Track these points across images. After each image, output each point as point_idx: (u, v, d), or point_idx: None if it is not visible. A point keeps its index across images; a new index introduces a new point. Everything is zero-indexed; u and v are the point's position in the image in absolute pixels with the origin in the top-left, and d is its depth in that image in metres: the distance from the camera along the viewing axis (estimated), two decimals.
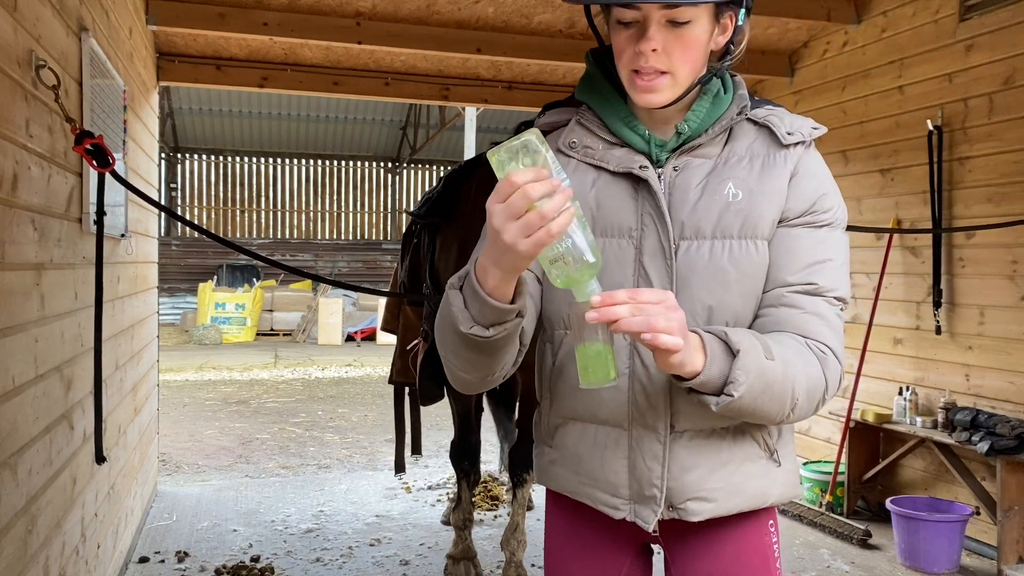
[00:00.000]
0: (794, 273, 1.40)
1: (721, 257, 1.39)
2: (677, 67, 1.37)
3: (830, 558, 4.41)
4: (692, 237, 1.41)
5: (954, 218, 4.63)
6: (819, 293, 1.40)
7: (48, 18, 2.50)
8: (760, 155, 1.44)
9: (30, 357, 2.30)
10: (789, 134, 1.44)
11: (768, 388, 1.28)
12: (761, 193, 1.41)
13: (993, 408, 4.32)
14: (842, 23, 5.28)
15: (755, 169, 1.43)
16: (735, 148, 1.45)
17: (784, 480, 1.51)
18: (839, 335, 1.40)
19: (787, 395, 1.31)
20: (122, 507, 3.97)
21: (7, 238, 2.10)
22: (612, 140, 1.48)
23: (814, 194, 1.42)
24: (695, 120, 1.44)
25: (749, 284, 1.41)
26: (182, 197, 21.51)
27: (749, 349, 1.26)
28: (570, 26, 5.46)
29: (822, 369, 1.36)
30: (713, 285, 1.39)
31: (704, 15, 1.36)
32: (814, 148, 1.48)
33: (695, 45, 1.37)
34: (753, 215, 1.40)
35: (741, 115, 1.46)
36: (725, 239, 1.40)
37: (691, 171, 1.44)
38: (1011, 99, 4.28)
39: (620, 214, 1.44)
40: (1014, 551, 4.03)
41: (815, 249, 1.41)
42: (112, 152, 2.62)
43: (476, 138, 14.15)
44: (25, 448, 2.25)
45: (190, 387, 10.43)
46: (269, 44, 5.59)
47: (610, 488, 1.46)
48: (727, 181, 1.42)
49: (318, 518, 5.00)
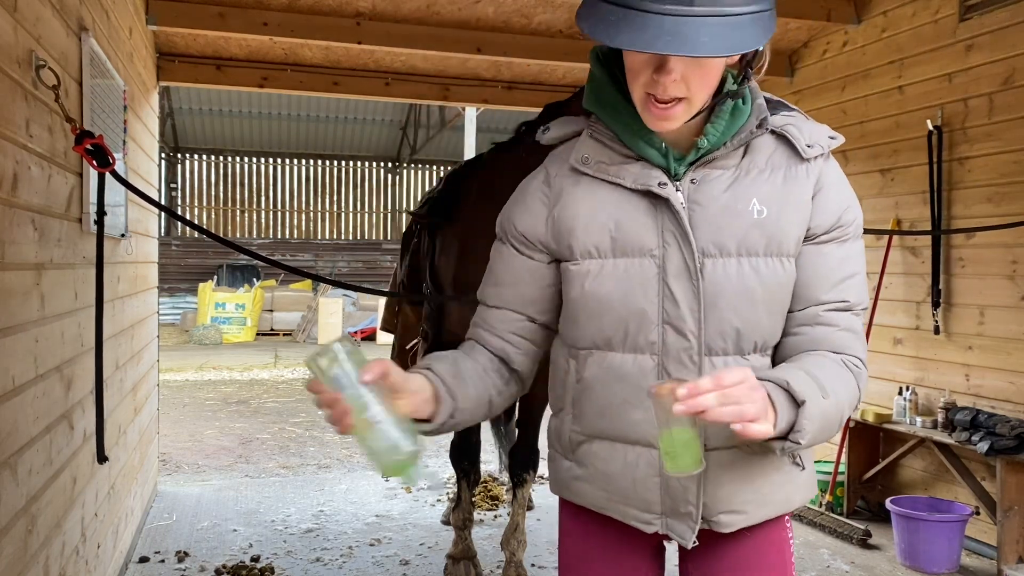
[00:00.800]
0: (827, 291, 1.41)
1: (749, 276, 1.38)
2: (695, 93, 1.34)
3: (830, 558, 4.41)
4: (716, 255, 1.38)
5: (954, 218, 4.63)
6: (850, 309, 1.42)
7: (48, 18, 2.50)
8: (781, 167, 1.43)
9: (30, 357, 2.30)
10: (809, 147, 1.43)
11: (826, 426, 1.31)
12: (787, 210, 1.40)
13: (993, 408, 4.32)
14: (842, 23, 5.28)
15: (777, 183, 1.41)
16: (755, 159, 1.43)
17: (806, 483, 1.53)
18: (864, 341, 1.45)
19: (836, 423, 1.34)
20: (122, 507, 3.97)
21: (7, 238, 2.10)
22: (627, 154, 1.43)
23: (839, 209, 1.42)
24: (715, 134, 1.40)
25: (776, 303, 1.41)
26: (182, 197, 21.51)
27: (811, 396, 1.26)
28: (570, 26, 5.46)
29: (857, 384, 1.40)
30: (741, 305, 1.38)
31: None
32: (831, 157, 1.48)
33: (714, 72, 1.34)
34: (779, 233, 1.39)
35: (761, 128, 1.42)
36: (751, 257, 1.39)
37: (710, 184, 1.41)
38: (1011, 99, 4.28)
39: (640, 233, 1.41)
40: (1014, 551, 4.03)
41: (844, 265, 1.42)
42: (112, 152, 2.62)
43: (476, 138, 14.15)
44: (25, 448, 2.25)
45: (190, 387, 10.43)
46: (269, 44, 5.59)
47: (643, 505, 1.46)
48: (751, 197, 1.39)
49: (318, 518, 5.00)
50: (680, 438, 1.23)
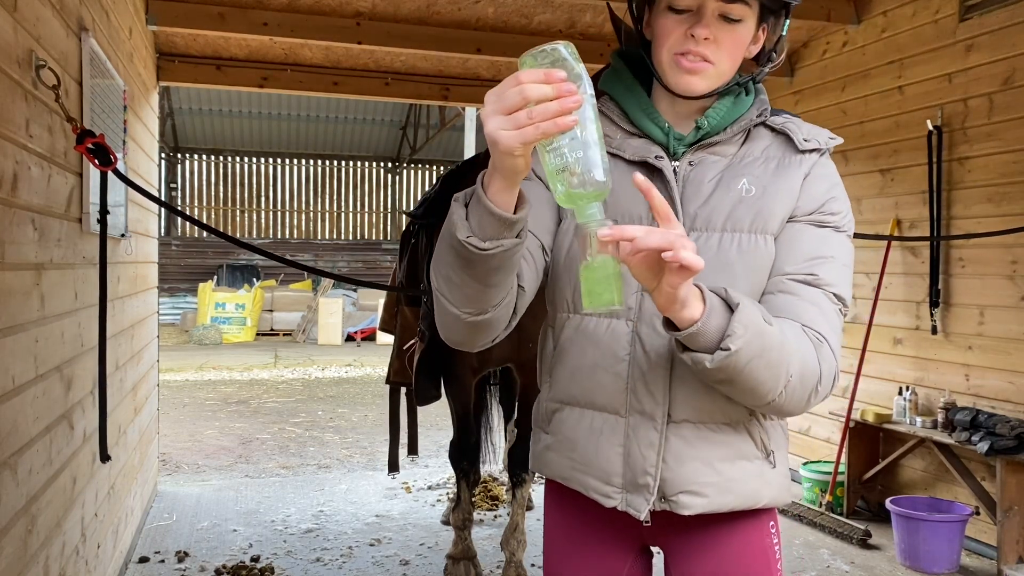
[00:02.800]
0: (794, 264, 1.42)
1: (730, 250, 1.41)
2: (722, 59, 1.41)
3: (830, 558, 4.41)
4: (702, 229, 1.43)
5: (954, 218, 4.63)
6: (818, 285, 1.40)
7: (48, 18, 2.50)
8: (776, 157, 1.48)
9: (30, 357, 2.30)
10: (806, 140, 1.48)
11: (765, 352, 1.25)
12: (775, 190, 1.44)
13: (993, 408, 4.32)
14: (842, 23, 5.28)
15: (770, 169, 1.46)
16: (751, 149, 1.49)
17: (778, 483, 1.50)
18: (836, 331, 1.39)
19: (783, 366, 1.28)
20: (122, 507, 3.97)
21: (7, 238, 2.10)
22: (631, 130, 1.51)
23: (823, 196, 1.46)
24: (715, 117, 1.47)
25: (756, 278, 1.42)
26: (182, 197, 21.51)
27: (748, 306, 1.24)
28: (570, 26, 5.46)
29: (817, 356, 1.34)
30: (720, 277, 1.37)
31: (751, 18, 1.42)
32: (828, 157, 1.51)
33: (741, 43, 1.43)
34: (765, 210, 1.43)
35: (761, 118, 1.49)
36: (735, 232, 1.42)
37: (706, 167, 1.47)
38: (1011, 99, 4.28)
39: (632, 203, 1.44)
40: (1014, 551, 4.03)
41: (818, 245, 1.43)
42: (114, 151, 2.62)
43: (476, 138, 14.14)
44: (25, 448, 2.25)
45: (190, 387, 10.43)
46: (269, 44, 5.59)
47: (603, 476, 1.46)
48: (741, 177, 1.45)
49: (318, 518, 5.00)
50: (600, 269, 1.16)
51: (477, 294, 1.29)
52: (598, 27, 5.40)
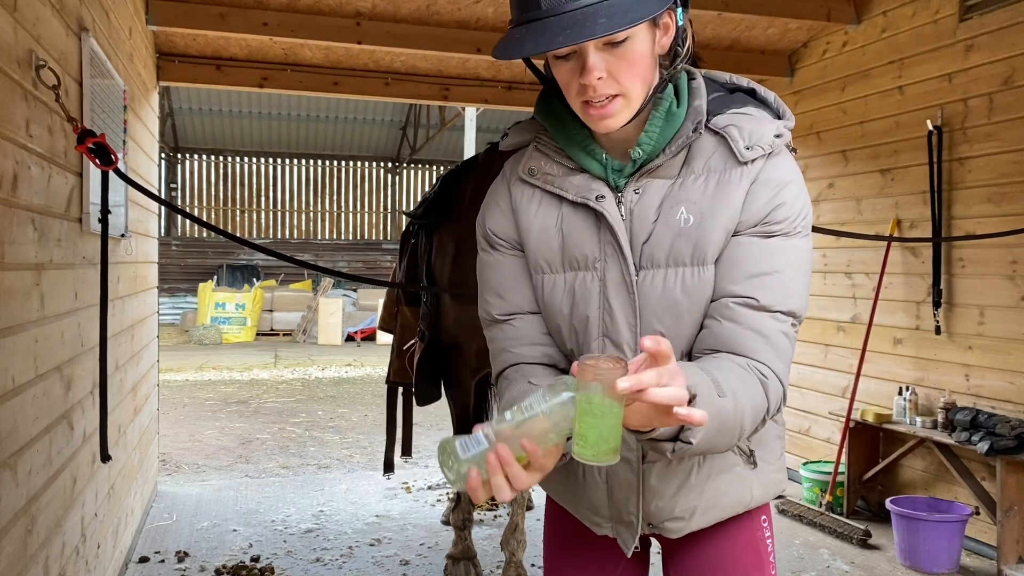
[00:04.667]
0: (736, 283, 1.33)
1: (674, 288, 1.35)
2: (627, 86, 1.30)
3: (830, 558, 4.41)
4: (648, 266, 1.37)
5: (954, 219, 4.63)
6: (762, 308, 1.32)
7: (48, 18, 2.50)
8: (717, 171, 1.36)
9: (30, 357, 2.30)
10: (748, 148, 1.35)
11: (721, 427, 1.22)
12: (712, 216, 1.34)
13: (993, 408, 4.32)
14: (842, 23, 5.28)
15: (710, 189, 1.35)
16: (694, 165, 1.38)
17: (764, 480, 1.49)
18: (783, 355, 1.33)
19: (736, 429, 1.26)
20: (122, 507, 3.97)
21: (7, 238, 2.10)
22: (571, 166, 1.42)
23: (768, 205, 1.34)
24: (648, 143, 1.37)
25: (699, 314, 1.36)
26: (182, 197, 21.51)
27: (704, 392, 1.18)
28: None
29: (764, 393, 1.30)
30: (666, 316, 1.36)
31: (640, 28, 1.29)
32: (781, 154, 1.38)
33: (639, 60, 1.30)
34: (703, 241, 1.34)
35: (697, 132, 1.36)
36: (677, 267, 1.35)
37: (651, 194, 1.38)
38: (1011, 99, 4.28)
39: (584, 246, 1.40)
40: (1014, 551, 4.03)
41: (761, 260, 1.33)
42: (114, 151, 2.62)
43: (476, 138, 14.15)
44: (25, 448, 2.25)
45: (190, 387, 10.43)
46: (269, 44, 5.59)
47: (592, 508, 1.51)
48: (681, 204, 1.35)
49: (318, 518, 5.00)
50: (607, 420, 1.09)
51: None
52: None
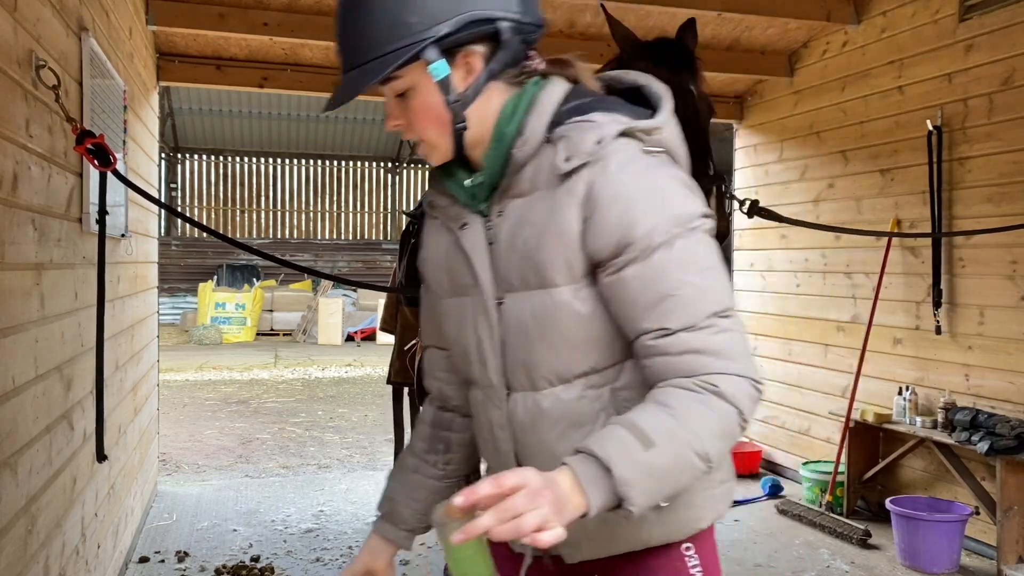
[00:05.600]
0: (642, 320, 1.25)
1: (523, 312, 1.33)
2: (423, 134, 1.33)
3: (830, 558, 4.41)
4: (507, 290, 1.35)
5: (954, 218, 4.63)
6: (680, 331, 1.23)
7: (48, 18, 2.50)
8: (551, 185, 1.30)
9: (30, 357, 2.30)
10: (565, 161, 1.27)
11: (665, 474, 1.17)
12: (547, 235, 1.28)
13: (993, 408, 4.32)
14: (842, 23, 5.28)
15: (546, 207, 1.30)
16: (538, 181, 1.31)
17: (672, 518, 1.38)
18: (731, 350, 1.23)
19: (691, 461, 1.19)
20: (122, 507, 3.97)
21: (7, 238, 2.10)
22: (450, 195, 1.42)
23: (618, 227, 1.24)
24: (488, 166, 1.35)
25: (554, 336, 1.31)
26: (182, 197, 21.50)
27: (620, 458, 1.14)
28: (570, 26, 5.46)
29: (724, 402, 1.21)
30: (520, 342, 1.34)
31: (418, 77, 1.27)
32: (612, 161, 1.26)
33: (424, 110, 1.30)
34: (541, 264, 1.29)
35: (527, 146, 1.30)
36: (526, 292, 1.32)
37: (509, 215, 1.35)
38: (1011, 99, 4.28)
39: (461, 272, 1.40)
40: (1014, 551, 4.03)
41: (653, 287, 1.24)
42: (113, 151, 2.62)
43: None
44: (25, 448, 2.25)
45: (190, 387, 10.44)
46: (269, 44, 5.59)
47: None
48: (527, 226, 1.31)
49: (318, 518, 5.00)
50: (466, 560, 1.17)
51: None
52: (598, 27, 5.40)
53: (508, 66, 1.32)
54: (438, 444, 1.61)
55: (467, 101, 1.30)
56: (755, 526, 4.94)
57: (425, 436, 1.63)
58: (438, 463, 1.61)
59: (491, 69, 1.30)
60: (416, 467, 1.61)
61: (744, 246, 6.49)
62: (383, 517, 1.60)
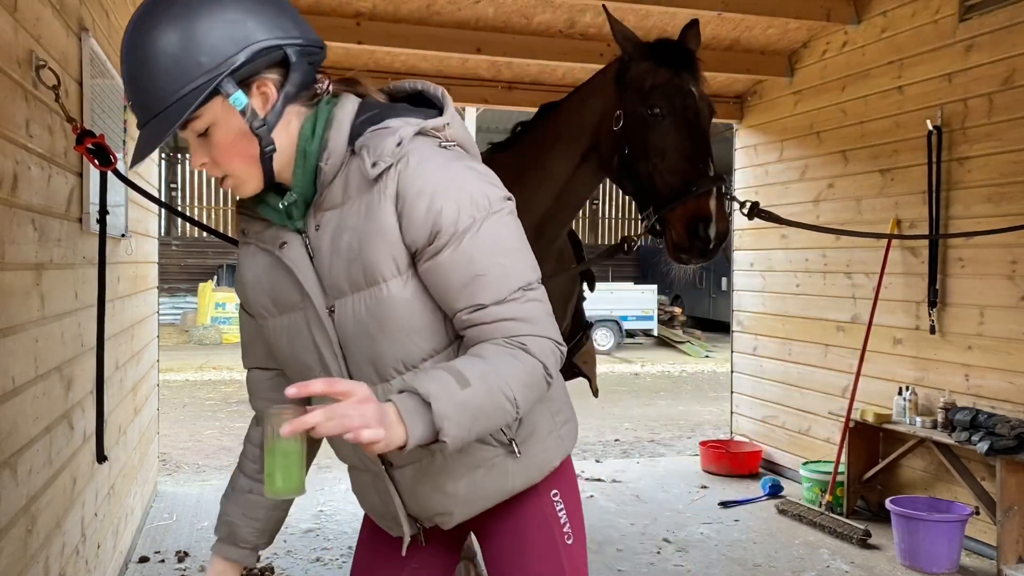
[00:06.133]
0: (457, 300, 1.38)
1: (360, 311, 1.42)
2: (228, 168, 1.39)
3: (830, 558, 4.41)
4: (338, 296, 1.43)
5: (953, 218, 4.63)
6: (491, 305, 1.37)
7: (48, 18, 2.50)
8: (364, 192, 1.40)
9: (30, 357, 2.30)
10: (372, 166, 1.38)
11: (479, 412, 1.30)
12: (369, 237, 1.38)
13: (993, 408, 4.32)
14: (842, 23, 5.28)
15: (362, 212, 1.40)
16: (349, 190, 1.41)
17: (526, 466, 1.55)
18: (536, 317, 1.39)
19: (502, 403, 1.32)
20: (122, 507, 3.97)
21: (7, 238, 2.10)
22: (264, 219, 1.49)
23: (426, 217, 1.36)
24: (297, 183, 1.42)
25: (392, 327, 1.41)
26: (182, 197, 21.51)
27: (440, 394, 1.26)
28: (570, 26, 5.46)
29: (531, 357, 1.36)
30: (362, 340, 1.43)
31: (215, 113, 1.33)
32: (412, 158, 1.38)
33: (227, 144, 1.36)
34: (369, 263, 1.39)
35: (331, 160, 1.40)
36: (359, 291, 1.41)
37: (326, 227, 1.43)
38: (1011, 99, 4.28)
39: (286, 290, 1.48)
40: (1014, 551, 4.03)
41: (464, 269, 1.36)
42: (113, 151, 2.62)
43: (476, 138, 14.10)
44: (25, 448, 2.25)
45: (190, 387, 10.44)
46: None
47: (379, 515, 1.64)
48: (345, 232, 1.41)
49: (318, 518, 5.01)
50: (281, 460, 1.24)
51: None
52: (598, 27, 5.40)
53: (301, 88, 1.39)
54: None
55: (271, 125, 1.37)
56: (755, 526, 4.94)
57: (256, 457, 1.71)
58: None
59: (286, 93, 1.37)
60: (250, 487, 1.71)
61: (744, 246, 6.49)
62: (223, 540, 1.71)
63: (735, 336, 6.67)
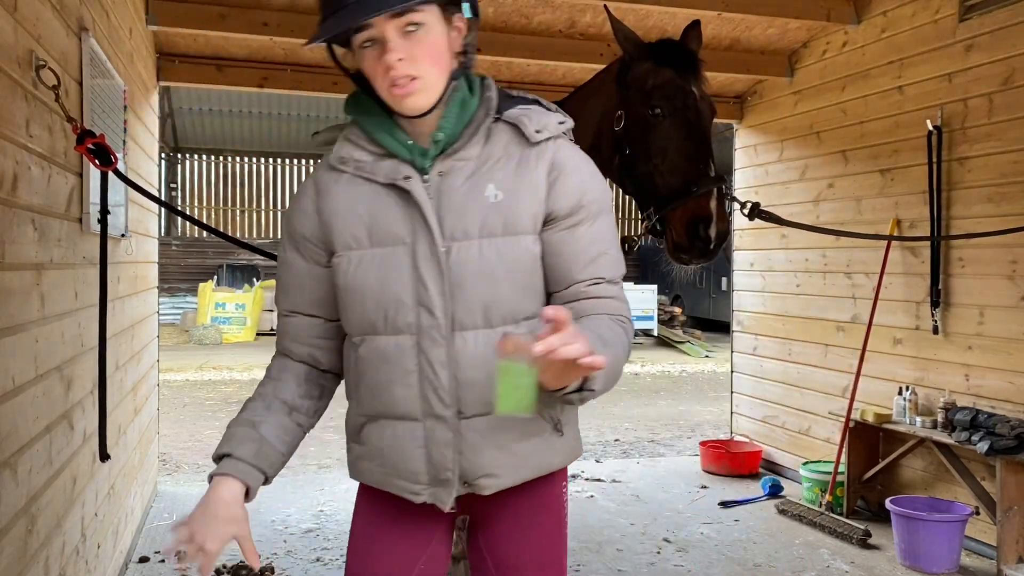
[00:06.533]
0: (581, 271, 1.55)
1: (490, 256, 1.51)
2: (425, 70, 1.46)
3: (830, 558, 4.41)
4: (461, 238, 1.51)
5: (954, 218, 4.63)
6: (607, 282, 1.57)
7: (48, 18, 2.50)
8: (515, 155, 1.54)
9: (30, 357, 2.30)
10: (537, 132, 1.54)
11: (612, 371, 1.44)
12: (518, 192, 1.52)
13: (993, 408, 4.32)
14: (842, 23, 5.28)
15: (511, 169, 1.53)
16: (493, 150, 1.55)
17: (565, 447, 1.65)
18: (628, 304, 1.60)
19: (620, 369, 1.49)
20: (122, 507, 3.97)
21: (7, 238, 2.10)
22: (380, 152, 1.57)
23: (578, 191, 1.54)
24: (447, 127, 1.53)
25: (519, 278, 1.53)
26: (182, 197, 21.50)
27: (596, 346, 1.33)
28: (570, 26, 5.46)
29: (626, 336, 1.54)
30: (484, 283, 1.51)
31: (434, 17, 1.46)
32: (567, 141, 1.59)
33: (433, 47, 1.47)
34: (513, 214, 1.51)
35: (489, 117, 1.55)
36: (492, 238, 1.51)
37: (455, 175, 1.53)
38: (1011, 99, 4.28)
39: (393, 224, 1.54)
40: (1014, 551, 4.03)
41: (593, 245, 1.56)
42: (114, 151, 2.62)
43: None
44: (25, 448, 2.25)
45: (190, 387, 10.44)
46: (269, 44, 5.59)
47: (410, 476, 1.58)
48: (488, 183, 1.52)
49: (318, 518, 5.01)
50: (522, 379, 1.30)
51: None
52: (598, 27, 5.40)
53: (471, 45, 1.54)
54: (314, 391, 1.69)
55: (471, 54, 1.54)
56: (755, 526, 4.94)
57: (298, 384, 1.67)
58: (310, 410, 1.69)
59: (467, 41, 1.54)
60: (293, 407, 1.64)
61: (744, 246, 6.49)
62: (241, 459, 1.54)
63: (735, 336, 6.67)
